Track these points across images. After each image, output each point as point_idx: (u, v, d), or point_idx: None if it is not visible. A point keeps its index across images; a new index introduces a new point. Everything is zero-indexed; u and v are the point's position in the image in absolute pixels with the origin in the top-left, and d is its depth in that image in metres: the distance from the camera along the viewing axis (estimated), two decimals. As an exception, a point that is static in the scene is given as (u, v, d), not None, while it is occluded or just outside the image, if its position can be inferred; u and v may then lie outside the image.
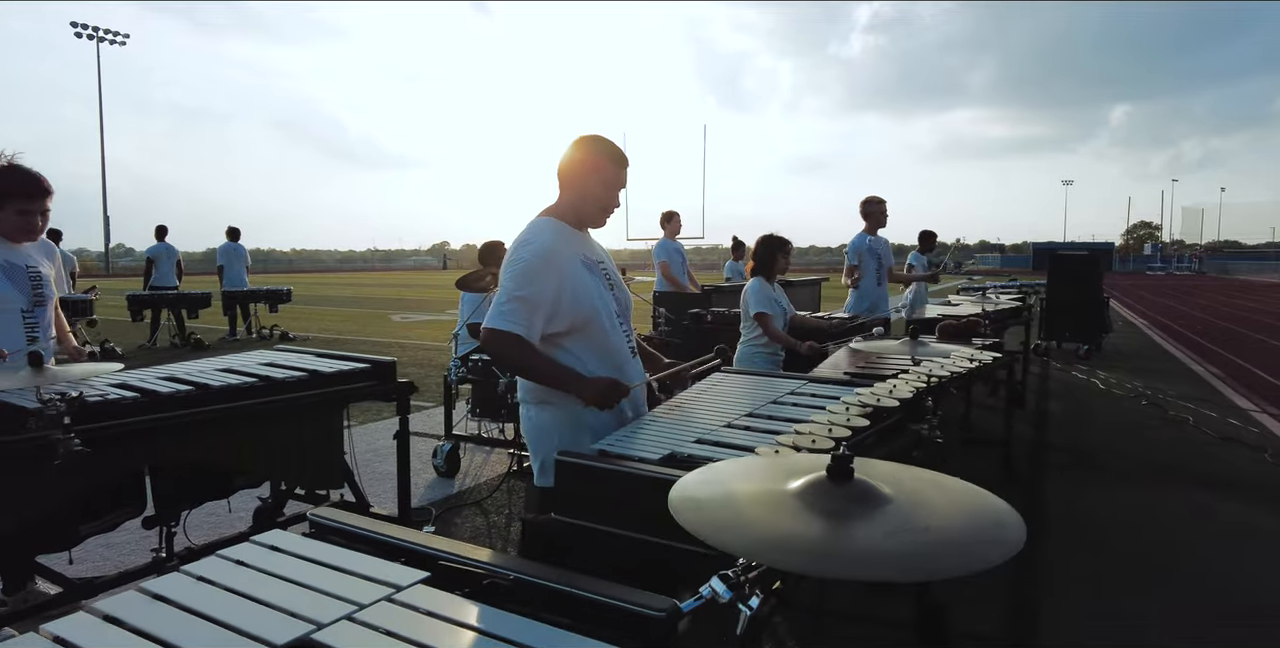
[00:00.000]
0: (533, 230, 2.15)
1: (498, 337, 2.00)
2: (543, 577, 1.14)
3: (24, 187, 2.76)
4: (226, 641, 0.99)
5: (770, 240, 4.18)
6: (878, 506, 1.02)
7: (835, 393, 2.43)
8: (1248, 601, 3.11)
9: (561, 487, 1.74)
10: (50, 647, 0.98)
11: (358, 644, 0.98)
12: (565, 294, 2.06)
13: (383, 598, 1.10)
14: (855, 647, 2.74)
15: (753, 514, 1.03)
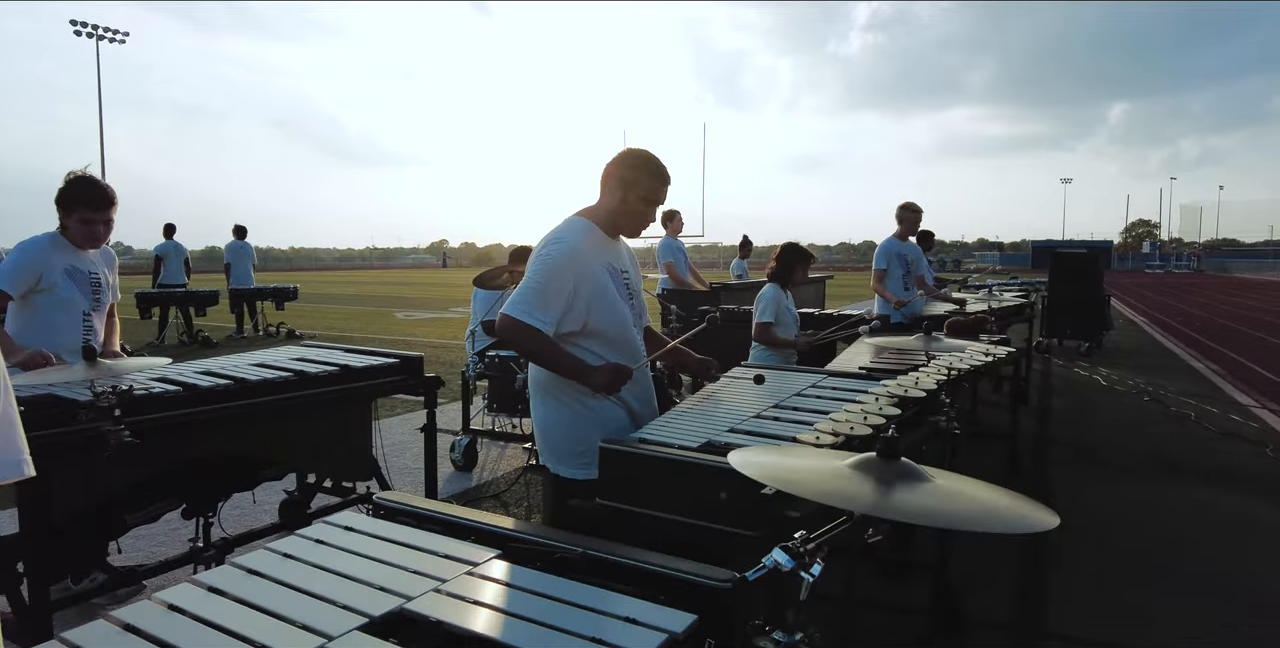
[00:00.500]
0: (566, 229, 2.23)
1: (512, 323, 2.08)
2: (610, 552, 1.23)
3: (88, 196, 2.87)
4: (328, 612, 1.07)
5: (795, 251, 4.26)
6: (921, 481, 1.11)
7: (854, 386, 2.52)
8: (1249, 593, 3.20)
9: (605, 473, 1.83)
10: (119, 634, 1.03)
11: (447, 614, 1.07)
12: (582, 295, 2.13)
13: (463, 572, 1.19)
14: (875, 634, 2.82)
15: (811, 476, 1.13)
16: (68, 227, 2.94)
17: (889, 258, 6.09)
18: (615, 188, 2.24)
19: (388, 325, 14.38)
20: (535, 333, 2.07)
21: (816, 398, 2.38)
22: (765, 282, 4.44)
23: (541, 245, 2.20)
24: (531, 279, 2.11)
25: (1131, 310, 18.36)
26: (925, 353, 3.12)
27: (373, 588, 1.14)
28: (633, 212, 2.25)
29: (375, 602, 1.10)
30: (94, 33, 46.81)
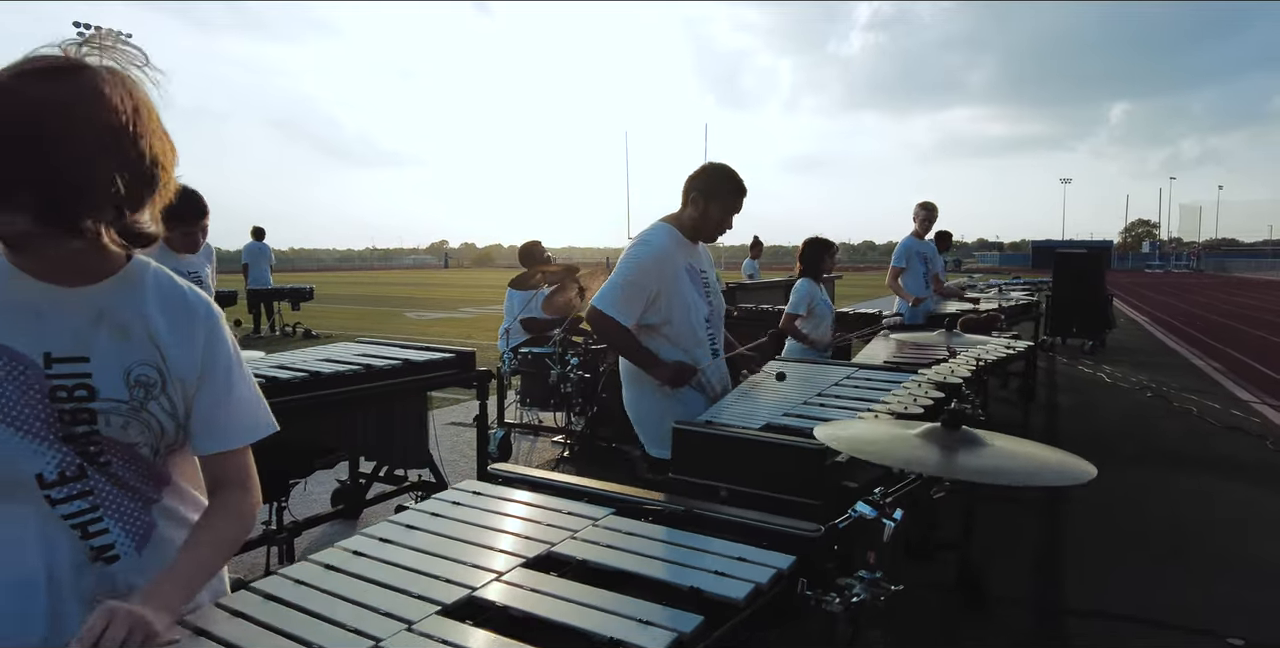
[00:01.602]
0: (654, 233, 2.48)
1: (598, 314, 2.36)
2: (711, 509, 1.44)
3: (185, 211, 3.04)
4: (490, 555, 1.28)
5: (817, 243, 4.47)
6: (982, 445, 1.33)
7: (886, 377, 2.74)
8: (1252, 570, 3.41)
9: (678, 451, 2.05)
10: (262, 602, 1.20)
11: (587, 554, 1.28)
12: (664, 293, 2.39)
13: (590, 524, 1.40)
14: (903, 609, 3.03)
15: (885, 445, 1.34)
16: (170, 238, 3.12)
17: (909, 256, 6.26)
18: (699, 198, 2.50)
19: (400, 325, 14.59)
20: (617, 325, 2.32)
21: (854, 387, 2.60)
22: (778, 281, 4.66)
23: (632, 246, 2.45)
24: (619, 276, 2.35)
25: (1132, 310, 18.58)
26: (947, 347, 3.34)
27: (518, 537, 1.35)
28: (715, 221, 2.51)
29: (527, 547, 1.31)
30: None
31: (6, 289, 1.00)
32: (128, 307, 1.06)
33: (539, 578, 1.19)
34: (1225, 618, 2.93)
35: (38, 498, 1.00)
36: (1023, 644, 2.80)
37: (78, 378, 1.01)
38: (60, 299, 1.02)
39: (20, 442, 0.98)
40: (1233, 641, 2.77)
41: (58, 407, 1.00)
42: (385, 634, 1.01)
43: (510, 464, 1.74)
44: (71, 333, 1.02)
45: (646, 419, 2.54)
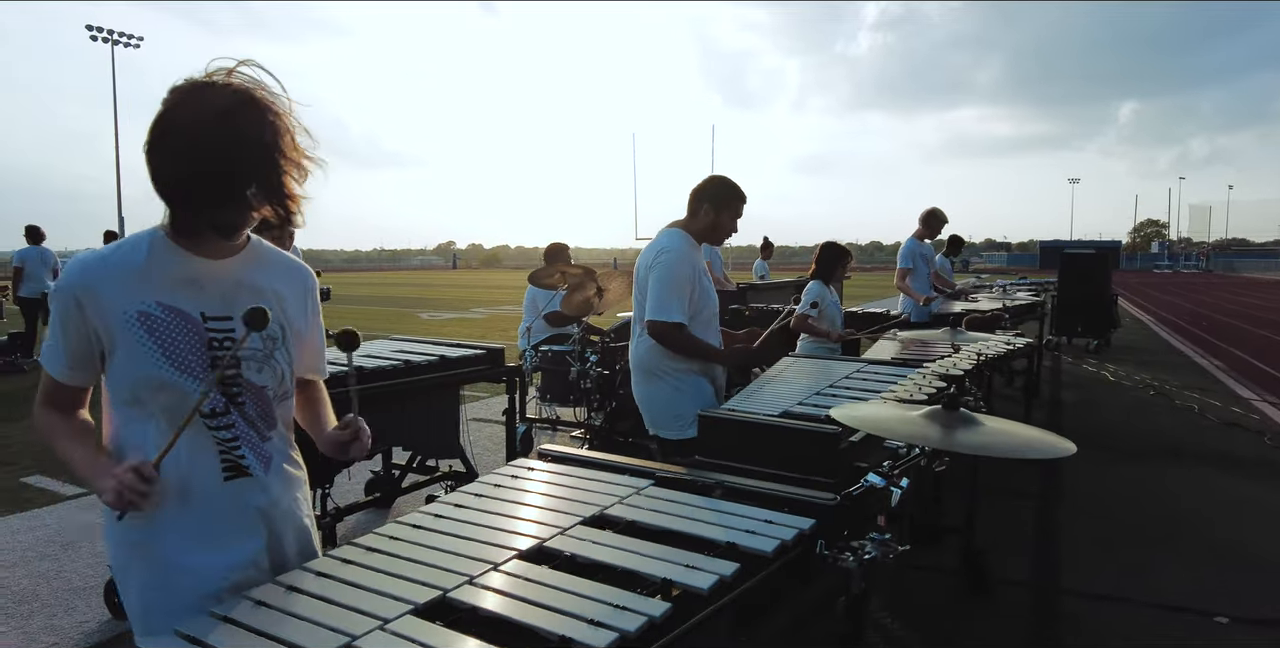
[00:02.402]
0: (669, 239, 2.69)
1: (661, 325, 2.60)
2: (739, 481, 1.64)
3: None
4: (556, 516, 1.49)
5: (834, 249, 4.66)
6: (977, 424, 1.53)
7: (893, 371, 2.93)
8: (1245, 557, 3.59)
9: (703, 436, 2.25)
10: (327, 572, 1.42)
11: (635, 516, 1.49)
12: (694, 291, 2.61)
13: (634, 492, 1.61)
14: (910, 590, 3.22)
15: (893, 423, 1.55)
16: None
17: (914, 258, 6.49)
18: (710, 208, 2.73)
19: (414, 326, 14.83)
20: (680, 328, 2.57)
21: (863, 379, 2.80)
22: (788, 282, 4.85)
23: (655, 256, 2.66)
24: (661, 285, 2.58)
25: (1138, 310, 18.68)
26: (952, 344, 3.53)
27: (574, 502, 1.56)
28: (725, 227, 2.75)
29: (583, 509, 1.51)
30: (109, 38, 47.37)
31: (170, 262, 1.26)
32: (257, 275, 1.35)
33: (596, 533, 1.40)
34: (1213, 599, 3.12)
35: (200, 424, 1.27)
36: (1022, 622, 2.99)
37: (226, 332, 1.29)
38: (210, 270, 1.29)
39: (185, 381, 1.25)
40: (1219, 619, 2.95)
41: (212, 354, 1.27)
42: (476, 572, 1.22)
43: (557, 446, 1.94)
44: (220, 296, 1.29)
45: (656, 405, 2.77)
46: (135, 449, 1.26)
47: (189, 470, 1.27)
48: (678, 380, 2.69)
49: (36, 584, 3.26)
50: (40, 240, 10.45)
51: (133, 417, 1.27)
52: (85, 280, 1.22)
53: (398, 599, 1.14)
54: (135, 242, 1.27)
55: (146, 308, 1.23)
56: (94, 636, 2.84)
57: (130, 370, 1.24)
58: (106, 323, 1.22)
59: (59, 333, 1.24)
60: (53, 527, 3.93)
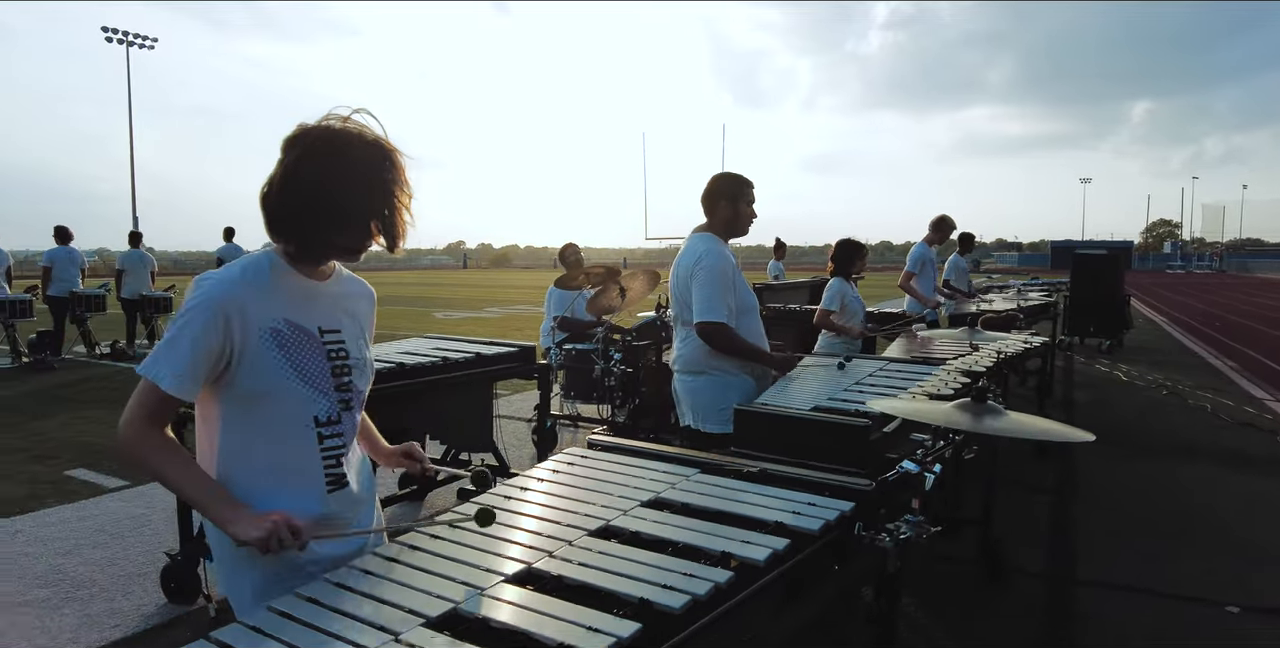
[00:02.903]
0: (702, 243, 2.83)
1: (709, 326, 2.72)
2: (779, 468, 1.77)
3: None
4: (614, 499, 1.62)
5: (849, 245, 4.77)
6: (1002, 414, 1.65)
7: (916, 369, 3.05)
8: (1257, 550, 3.68)
9: (738, 429, 2.38)
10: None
11: (688, 499, 1.61)
12: (735, 289, 2.74)
13: (683, 478, 1.74)
14: (929, 579, 3.34)
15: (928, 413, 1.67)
16: None
17: (922, 263, 6.67)
18: (728, 203, 2.85)
19: (429, 325, 15.00)
20: (726, 327, 2.71)
21: (887, 377, 2.91)
22: (803, 282, 4.96)
23: (696, 260, 2.79)
24: (705, 288, 2.72)
25: (1151, 310, 18.67)
26: (970, 343, 3.64)
27: (631, 487, 1.69)
28: (746, 216, 2.89)
29: (640, 493, 1.64)
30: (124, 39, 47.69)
31: (289, 283, 1.39)
32: (347, 294, 1.50)
33: (655, 513, 1.53)
34: (1224, 590, 3.22)
35: (312, 435, 1.38)
36: (1038, 610, 3.11)
37: (337, 344, 1.43)
38: (318, 289, 1.43)
39: (309, 392, 1.37)
40: (1230, 608, 3.06)
41: (330, 364, 1.40)
42: (553, 548, 1.35)
43: (605, 436, 2.07)
44: (327, 313, 1.43)
45: (699, 400, 2.89)
46: (240, 462, 1.36)
47: (295, 482, 1.38)
48: (721, 377, 2.83)
49: (93, 571, 3.41)
50: (68, 240, 10.66)
51: (241, 430, 1.36)
52: (234, 297, 1.31)
53: (489, 571, 1.27)
54: (257, 263, 1.38)
55: (276, 325, 1.35)
56: (152, 618, 2.99)
57: (255, 384, 1.33)
58: (245, 338, 1.31)
59: (189, 347, 1.28)
60: (101, 518, 4.09)
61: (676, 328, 3.03)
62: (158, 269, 11.77)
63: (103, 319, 11.09)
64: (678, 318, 3.00)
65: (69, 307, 10.35)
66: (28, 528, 3.93)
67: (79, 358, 10.34)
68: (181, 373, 1.28)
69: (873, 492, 1.65)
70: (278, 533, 1.21)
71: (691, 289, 2.80)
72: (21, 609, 3.04)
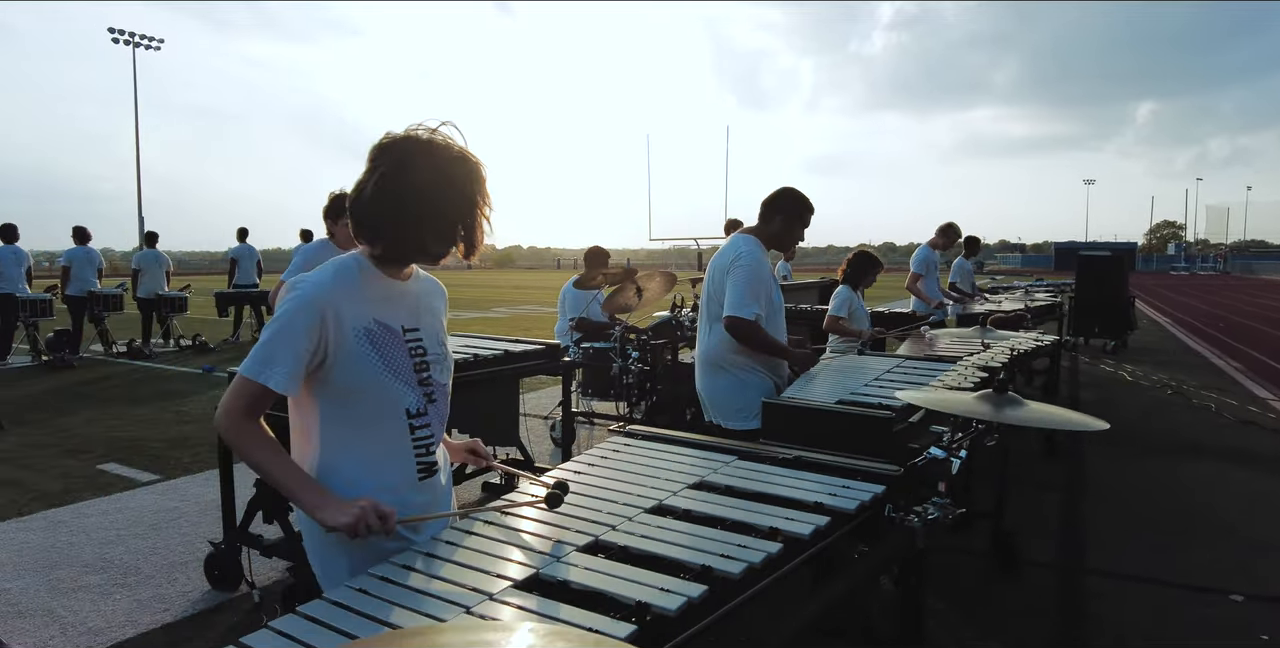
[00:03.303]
0: (744, 244, 2.97)
1: (738, 321, 2.86)
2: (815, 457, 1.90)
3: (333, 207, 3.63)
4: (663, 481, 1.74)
5: (866, 258, 4.89)
6: (1022, 405, 1.78)
7: (931, 366, 3.17)
8: (1256, 542, 3.80)
9: (767, 422, 2.50)
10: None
11: (731, 481, 1.74)
12: (768, 292, 2.87)
13: (724, 464, 1.86)
14: (945, 573, 3.46)
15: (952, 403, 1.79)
16: (334, 234, 3.70)
17: (927, 265, 6.84)
18: (783, 219, 3.00)
19: (439, 324, 15.11)
20: (755, 324, 2.83)
21: (904, 373, 3.04)
22: (812, 283, 5.07)
23: (733, 259, 2.92)
24: (740, 284, 2.85)
25: (1155, 311, 18.76)
26: (981, 342, 3.76)
27: (676, 472, 1.81)
28: (794, 236, 3.03)
29: (686, 478, 1.76)
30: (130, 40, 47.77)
31: (376, 285, 1.50)
32: (424, 292, 1.61)
33: (703, 494, 1.65)
34: (1229, 580, 3.33)
35: (405, 427, 1.50)
36: (1048, 598, 3.22)
37: (418, 341, 1.54)
38: (401, 290, 1.54)
39: (399, 386, 1.49)
40: (1234, 597, 3.18)
41: (413, 360, 1.51)
42: (616, 523, 1.48)
43: (641, 427, 2.20)
44: (409, 312, 1.55)
45: (721, 396, 3.02)
46: (340, 453, 1.47)
47: (390, 471, 1.49)
48: (744, 374, 2.95)
49: (137, 559, 3.55)
50: (87, 241, 10.81)
51: (339, 423, 1.46)
52: (331, 298, 1.41)
53: (560, 542, 1.39)
54: (346, 266, 1.48)
55: (368, 324, 1.45)
56: (199, 604, 3.12)
57: (351, 379, 1.43)
58: (340, 337, 1.41)
59: (289, 345, 1.37)
60: (137, 510, 4.23)
61: (704, 323, 3.15)
62: (173, 269, 11.93)
63: (119, 318, 11.24)
64: (707, 313, 3.12)
65: (87, 306, 10.51)
66: (69, 519, 4.07)
67: (96, 356, 10.49)
68: (287, 371, 1.38)
69: (901, 476, 1.77)
70: (366, 519, 1.30)
71: (726, 285, 2.92)
72: (77, 594, 3.17)
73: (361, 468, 1.47)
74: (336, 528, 1.32)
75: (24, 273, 10.04)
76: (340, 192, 3.76)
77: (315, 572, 1.53)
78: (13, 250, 10.07)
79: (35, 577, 3.32)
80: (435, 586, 1.24)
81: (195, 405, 7.09)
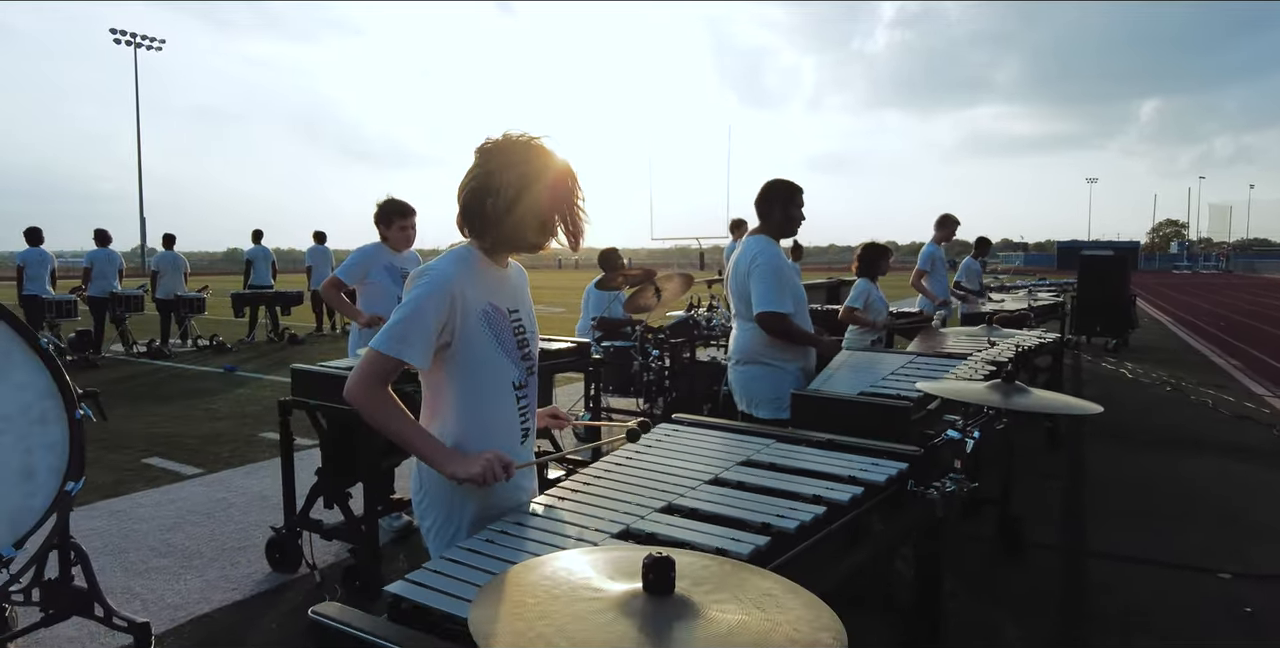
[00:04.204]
0: (760, 243, 3.19)
1: (772, 315, 3.08)
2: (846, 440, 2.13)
3: (402, 208, 3.94)
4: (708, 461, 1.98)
5: (874, 248, 5.13)
6: (1028, 393, 2.02)
7: (942, 362, 3.41)
8: (1247, 528, 4.03)
9: (796, 412, 2.74)
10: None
11: (774, 460, 1.97)
12: (793, 287, 3.11)
13: (765, 446, 2.10)
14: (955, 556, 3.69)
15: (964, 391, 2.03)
16: (387, 237, 3.96)
17: (933, 261, 7.03)
18: (780, 207, 3.21)
19: (451, 324, 15.34)
20: (786, 318, 3.07)
21: (917, 369, 3.27)
22: (821, 283, 5.30)
23: (753, 259, 3.14)
24: (765, 282, 3.07)
25: (1157, 310, 18.97)
26: (988, 339, 3.99)
27: (722, 452, 2.05)
28: (795, 218, 3.25)
29: (735, 457, 2.00)
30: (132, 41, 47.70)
31: (484, 272, 1.73)
32: (518, 281, 1.85)
33: (751, 470, 1.89)
34: (1219, 560, 3.57)
35: (512, 396, 1.75)
36: (1055, 576, 3.46)
37: (519, 321, 1.78)
38: (503, 277, 1.78)
39: (508, 361, 1.73)
40: (1222, 575, 3.41)
41: (516, 338, 1.76)
42: (680, 492, 1.72)
43: (687, 415, 2.44)
44: (511, 295, 1.79)
45: (754, 387, 3.26)
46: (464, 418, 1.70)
47: (500, 435, 1.72)
48: (776, 367, 3.19)
49: (198, 544, 3.79)
50: (108, 243, 11.08)
51: (463, 393, 1.69)
52: (457, 284, 1.63)
53: (639, 505, 1.64)
54: (463, 257, 1.72)
55: (485, 307, 1.68)
56: (263, 584, 3.36)
57: (473, 355, 1.66)
58: (465, 318, 1.63)
59: (421, 325, 1.58)
60: (188, 500, 4.47)
61: (734, 321, 3.38)
62: (190, 270, 12.18)
63: (138, 319, 11.48)
64: (735, 313, 3.36)
65: (109, 307, 10.76)
66: (126, 509, 4.31)
67: (117, 356, 10.74)
68: (420, 348, 1.59)
69: (922, 456, 2.00)
70: (492, 468, 1.55)
71: (750, 285, 3.15)
72: (150, 575, 3.42)
73: (478, 432, 1.71)
74: (469, 479, 1.54)
75: (49, 274, 10.30)
76: (388, 198, 4.01)
77: (432, 525, 1.74)
78: (38, 253, 10.34)
79: (109, 559, 3.56)
80: (544, 536, 1.48)
81: (223, 404, 7.34)
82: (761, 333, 3.14)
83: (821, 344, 3.30)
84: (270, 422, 6.57)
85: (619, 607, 0.86)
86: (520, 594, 0.93)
